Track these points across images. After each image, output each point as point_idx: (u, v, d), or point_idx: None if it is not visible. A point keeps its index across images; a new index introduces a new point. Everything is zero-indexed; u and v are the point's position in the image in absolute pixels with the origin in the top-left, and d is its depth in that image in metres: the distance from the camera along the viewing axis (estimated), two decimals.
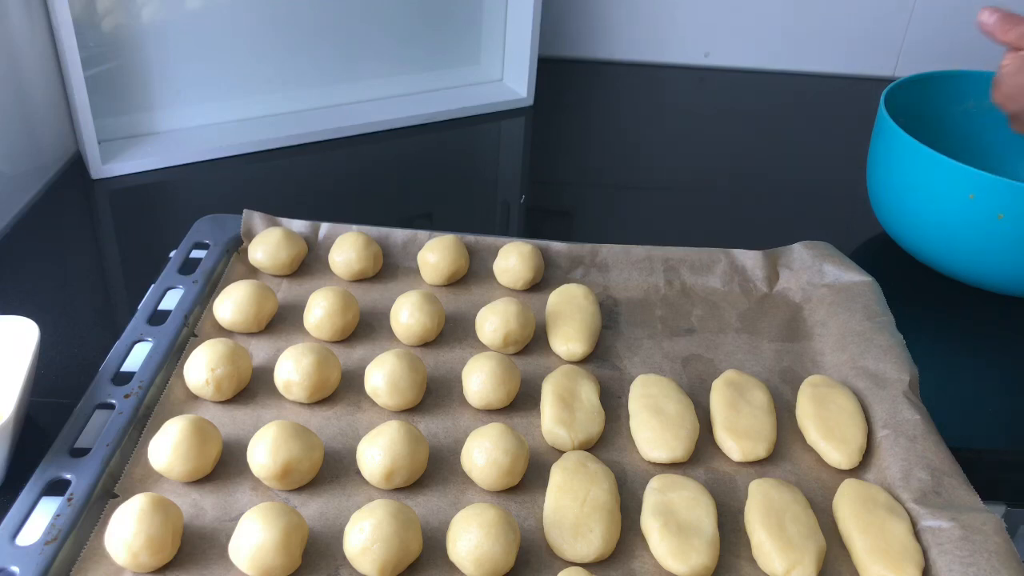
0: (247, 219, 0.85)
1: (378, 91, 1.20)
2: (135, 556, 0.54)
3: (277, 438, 0.60)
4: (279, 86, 1.14)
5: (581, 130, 1.23)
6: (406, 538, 0.55)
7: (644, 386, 0.70)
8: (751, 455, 0.66)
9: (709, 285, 0.84)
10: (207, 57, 1.08)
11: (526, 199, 1.07)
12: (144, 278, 0.80)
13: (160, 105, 1.07)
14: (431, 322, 0.74)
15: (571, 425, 0.66)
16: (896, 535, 0.58)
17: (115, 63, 1.03)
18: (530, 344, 0.76)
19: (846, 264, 0.82)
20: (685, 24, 1.36)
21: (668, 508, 0.60)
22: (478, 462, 0.61)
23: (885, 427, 0.66)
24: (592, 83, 1.35)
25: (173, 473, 0.61)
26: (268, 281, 0.81)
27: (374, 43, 1.17)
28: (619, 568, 0.58)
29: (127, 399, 0.66)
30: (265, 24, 1.09)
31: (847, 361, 0.73)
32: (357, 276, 0.82)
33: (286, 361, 0.68)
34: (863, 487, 0.62)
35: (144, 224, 0.98)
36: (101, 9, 1.01)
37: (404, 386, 0.67)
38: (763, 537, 0.58)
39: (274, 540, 0.54)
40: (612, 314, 0.80)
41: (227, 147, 1.08)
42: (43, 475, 0.60)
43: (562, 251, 0.84)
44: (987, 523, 0.58)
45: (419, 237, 0.84)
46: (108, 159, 1.02)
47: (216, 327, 0.75)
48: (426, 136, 1.17)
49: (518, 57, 1.22)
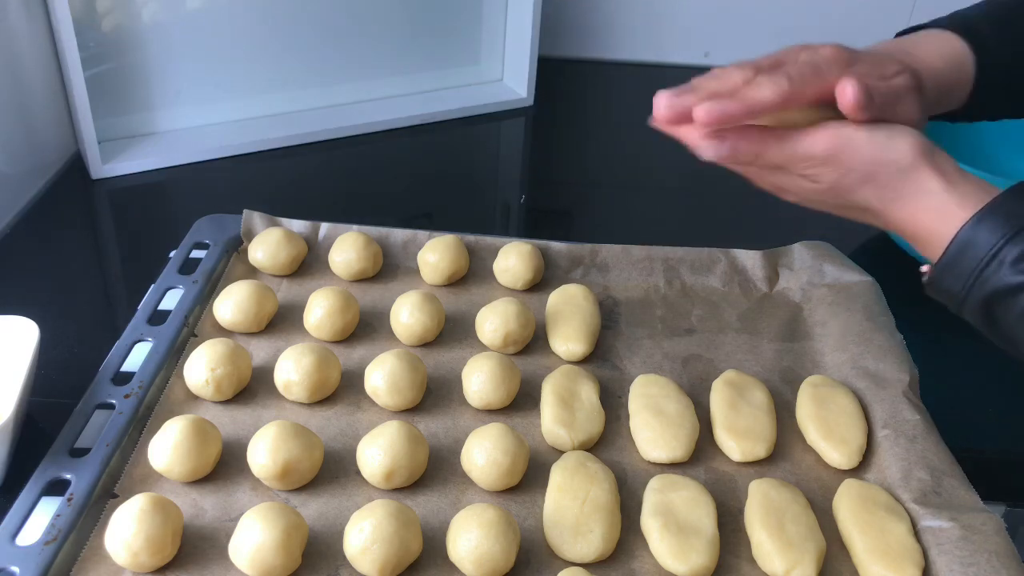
0: (247, 219, 0.85)
1: (378, 91, 1.19)
2: (135, 556, 0.54)
3: (277, 438, 0.60)
4: (279, 86, 1.14)
5: (581, 130, 1.23)
6: (406, 538, 0.55)
7: (644, 386, 0.70)
8: (751, 455, 0.66)
9: (709, 285, 0.83)
10: (207, 57, 1.08)
11: (526, 199, 1.07)
12: (144, 278, 0.80)
13: (160, 105, 1.07)
14: (431, 322, 0.74)
15: (571, 425, 0.66)
16: (896, 535, 0.58)
17: (115, 63, 1.03)
18: (530, 344, 0.76)
19: (846, 264, 0.82)
20: (685, 24, 1.36)
21: (668, 508, 0.60)
22: (478, 462, 0.61)
23: (885, 427, 0.66)
24: (592, 83, 1.35)
25: (173, 473, 0.61)
26: (268, 281, 0.81)
27: (374, 43, 1.17)
28: (619, 568, 0.58)
29: (127, 399, 0.66)
30: (265, 24, 1.09)
31: (847, 361, 0.73)
32: (357, 276, 0.82)
33: (286, 361, 0.68)
34: (863, 487, 0.62)
35: (144, 224, 0.98)
36: (101, 9, 1.01)
37: (404, 386, 0.67)
38: (763, 537, 0.58)
39: (274, 540, 0.54)
40: (612, 314, 0.80)
41: (227, 147, 1.08)
42: (43, 475, 0.60)
43: (562, 251, 0.84)
44: (987, 523, 0.58)
45: (419, 237, 0.84)
46: (108, 159, 1.02)
47: (216, 327, 0.75)
48: (426, 136, 1.17)
49: (518, 57, 1.22)
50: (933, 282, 0.55)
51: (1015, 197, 0.53)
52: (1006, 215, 0.52)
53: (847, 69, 0.56)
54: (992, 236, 0.51)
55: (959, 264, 0.53)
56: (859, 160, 0.55)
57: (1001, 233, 0.51)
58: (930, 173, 0.54)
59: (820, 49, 0.57)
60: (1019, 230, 0.51)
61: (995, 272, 0.51)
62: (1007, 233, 0.51)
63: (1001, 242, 0.51)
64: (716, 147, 0.56)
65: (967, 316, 0.55)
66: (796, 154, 0.56)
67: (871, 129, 0.55)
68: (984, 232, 0.52)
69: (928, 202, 0.54)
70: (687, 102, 0.56)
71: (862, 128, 0.55)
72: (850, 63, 0.57)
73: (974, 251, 0.52)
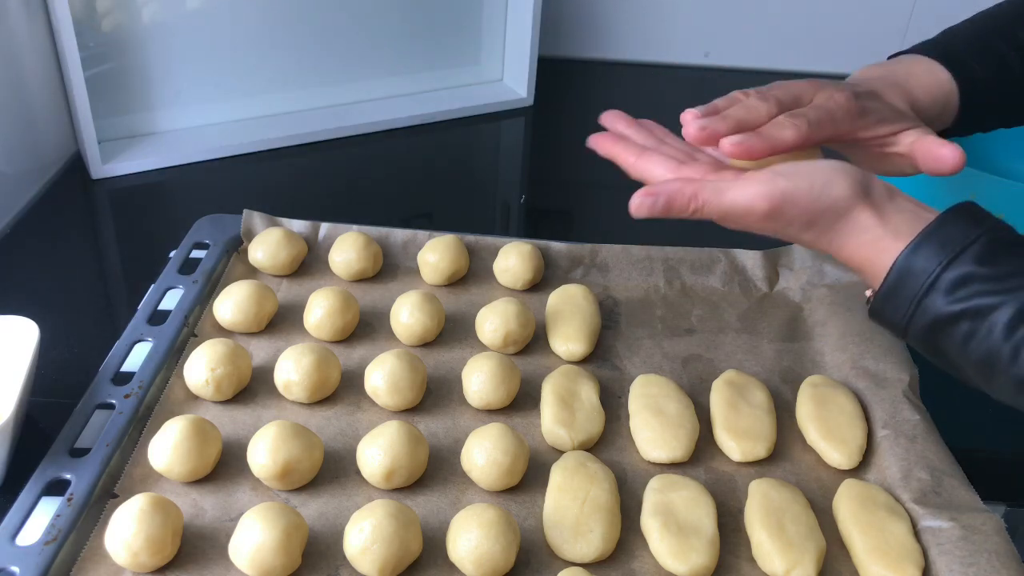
0: (247, 219, 0.85)
1: (378, 91, 1.19)
2: (135, 556, 0.54)
3: (277, 438, 0.60)
4: (279, 86, 1.14)
5: (581, 130, 1.23)
6: (406, 538, 0.55)
7: (644, 386, 0.70)
8: (751, 455, 0.66)
9: (709, 285, 0.84)
10: (207, 57, 1.08)
11: (526, 199, 1.07)
12: (144, 278, 0.80)
13: (160, 105, 1.07)
14: (431, 322, 0.74)
15: (571, 425, 0.66)
16: (896, 535, 0.58)
17: (115, 63, 1.03)
18: (530, 344, 0.76)
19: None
20: (685, 24, 1.35)
21: (668, 508, 0.60)
22: (478, 462, 0.61)
23: (885, 427, 0.66)
24: (592, 83, 1.35)
25: (173, 473, 0.61)
26: (268, 281, 0.81)
27: (374, 43, 1.17)
28: (619, 568, 0.58)
29: (127, 399, 0.66)
30: (265, 24, 1.09)
31: (847, 361, 0.73)
32: (357, 276, 0.82)
33: (286, 361, 0.68)
34: (863, 487, 0.62)
35: (144, 224, 0.98)
36: (101, 9, 1.01)
37: (404, 386, 0.67)
38: (763, 537, 0.58)
39: (274, 540, 0.54)
40: (612, 314, 0.80)
41: (227, 147, 1.08)
42: (43, 475, 0.60)
43: (562, 251, 0.84)
44: (987, 523, 0.58)
45: (419, 237, 0.84)
46: (108, 159, 1.02)
47: (216, 327, 0.75)
48: (426, 136, 1.17)
49: (518, 57, 1.22)
50: (876, 311, 0.56)
51: (948, 222, 0.53)
52: (940, 242, 0.52)
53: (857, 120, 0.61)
54: (928, 264, 0.52)
55: (898, 293, 0.53)
56: (798, 211, 0.56)
57: (936, 260, 0.52)
58: (865, 211, 0.55)
59: (834, 95, 0.61)
60: (954, 256, 0.51)
61: (933, 301, 0.52)
62: (942, 260, 0.52)
63: (937, 270, 0.52)
64: (651, 203, 0.57)
65: (911, 343, 0.56)
66: (735, 209, 0.57)
67: (810, 178, 0.56)
68: (920, 260, 0.52)
69: (865, 238, 0.55)
70: (718, 127, 0.59)
71: (802, 179, 0.56)
72: (861, 114, 0.61)
73: (912, 280, 0.53)
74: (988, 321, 0.50)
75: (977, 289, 0.51)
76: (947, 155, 0.59)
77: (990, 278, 0.50)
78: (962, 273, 0.51)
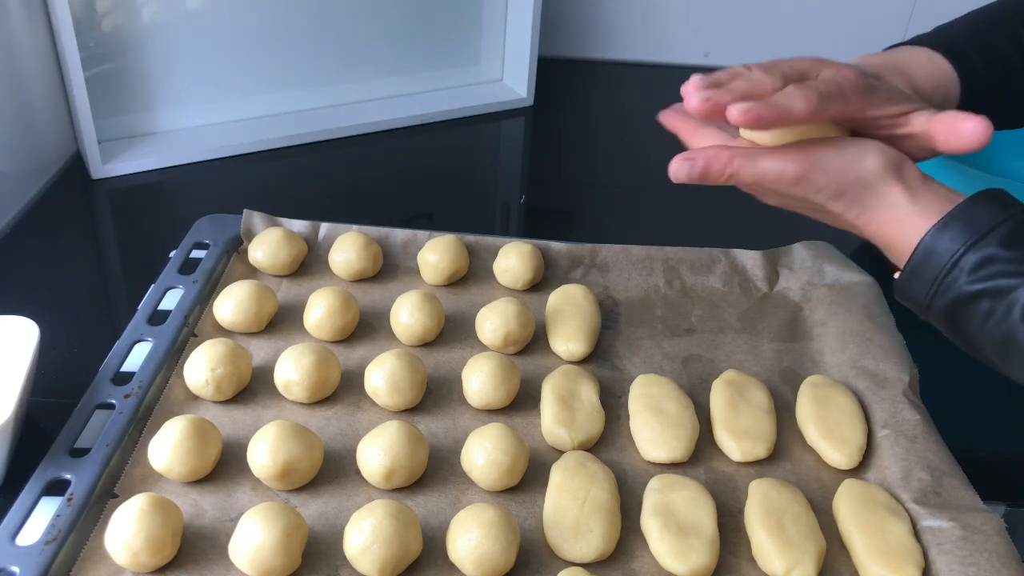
0: (247, 219, 0.85)
1: (378, 91, 1.19)
2: (135, 556, 0.54)
3: (277, 438, 0.60)
4: (279, 86, 1.14)
5: (581, 130, 1.23)
6: (406, 538, 0.55)
7: (644, 386, 0.70)
8: (751, 455, 0.66)
9: (709, 285, 0.83)
10: (207, 57, 1.08)
11: (526, 199, 1.07)
12: (144, 278, 0.80)
13: (160, 105, 1.07)
14: (431, 322, 0.74)
15: (571, 425, 0.66)
16: (896, 535, 0.58)
17: (115, 63, 1.03)
18: (530, 344, 0.76)
19: (846, 264, 0.82)
20: (685, 24, 1.36)
21: (668, 508, 0.60)
22: (478, 462, 0.61)
23: (885, 427, 0.66)
24: (592, 83, 1.35)
25: (173, 473, 0.61)
26: (268, 281, 0.81)
27: (374, 43, 1.17)
28: (619, 568, 0.58)
29: (127, 399, 0.66)
30: (265, 24, 1.09)
31: (847, 361, 0.73)
32: (357, 276, 0.82)
33: (286, 361, 0.68)
34: (863, 487, 0.62)
35: (144, 224, 0.98)
36: (101, 9, 1.01)
37: (404, 386, 0.67)
38: (763, 537, 0.58)
39: (274, 540, 0.54)
40: (612, 314, 0.80)
41: (227, 147, 1.08)
42: (43, 475, 0.60)
43: (562, 251, 0.84)
44: (987, 523, 0.58)
45: (419, 237, 0.84)
46: (108, 159, 1.02)
47: (216, 327, 0.75)
48: (426, 136, 1.17)
49: (518, 57, 1.22)
50: (900, 288, 0.57)
51: (976, 205, 0.54)
52: (966, 223, 0.53)
53: (866, 97, 0.58)
54: (953, 244, 0.53)
55: (922, 272, 0.54)
56: (829, 179, 0.56)
57: (961, 241, 0.53)
58: (895, 187, 0.56)
59: (842, 70, 0.58)
60: (979, 237, 0.52)
61: (955, 279, 0.53)
62: (967, 241, 0.52)
63: (961, 250, 0.52)
64: (689, 167, 0.57)
65: (933, 321, 0.57)
66: (768, 175, 0.57)
67: (841, 147, 0.57)
68: (945, 240, 0.53)
69: (893, 214, 0.56)
70: (722, 98, 0.56)
71: (832, 147, 0.57)
72: (869, 91, 0.58)
73: (936, 259, 0.53)
74: (1008, 301, 0.51)
75: (999, 270, 0.51)
76: (970, 129, 0.56)
77: (1013, 260, 0.51)
78: (986, 255, 0.52)
